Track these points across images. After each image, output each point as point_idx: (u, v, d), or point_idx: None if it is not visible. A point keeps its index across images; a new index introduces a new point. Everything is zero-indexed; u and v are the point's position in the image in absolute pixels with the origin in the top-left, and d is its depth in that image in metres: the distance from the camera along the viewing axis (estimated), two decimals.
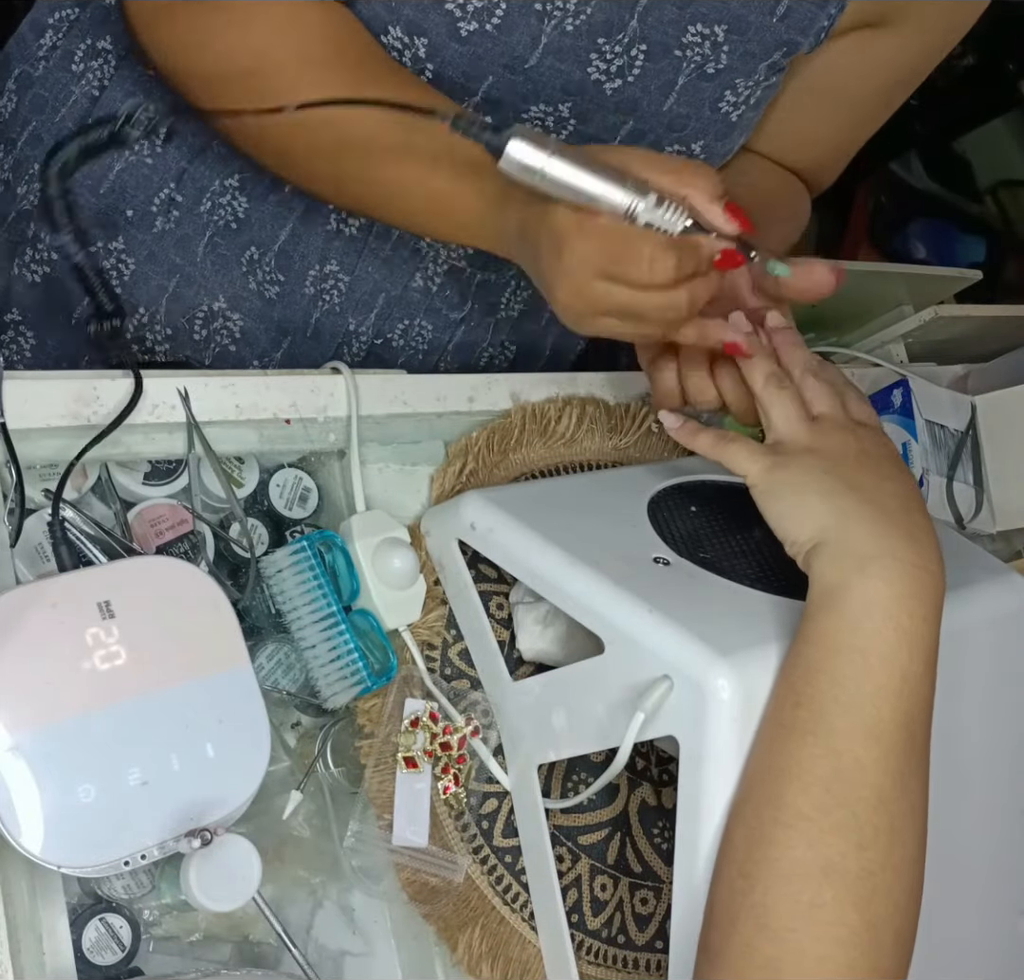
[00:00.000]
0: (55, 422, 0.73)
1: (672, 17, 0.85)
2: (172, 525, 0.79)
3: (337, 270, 0.97)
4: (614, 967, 0.82)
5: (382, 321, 0.99)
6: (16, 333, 1.00)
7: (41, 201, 0.76)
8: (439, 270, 0.98)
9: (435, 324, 1.00)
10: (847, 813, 0.63)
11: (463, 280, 0.98)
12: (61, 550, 0.69)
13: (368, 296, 0.98)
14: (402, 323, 1.00)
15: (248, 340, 0.99)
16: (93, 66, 0.96)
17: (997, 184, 2.04)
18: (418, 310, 0.99)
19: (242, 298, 0.98)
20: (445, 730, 0.79)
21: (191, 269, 0.97)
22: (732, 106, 0.91)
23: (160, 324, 0.99)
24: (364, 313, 0.99)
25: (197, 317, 0.99)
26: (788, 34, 0.88)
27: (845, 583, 0.66)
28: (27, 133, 0.98)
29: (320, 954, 0.79)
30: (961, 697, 0.78)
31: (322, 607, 0.77)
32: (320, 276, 0.97)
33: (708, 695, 0.67)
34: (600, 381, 0.93)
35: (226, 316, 0.99)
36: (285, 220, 0.95)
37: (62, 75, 0.97)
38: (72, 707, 0.65)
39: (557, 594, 0.75)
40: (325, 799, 0.80)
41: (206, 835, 0.66)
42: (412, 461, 0.87)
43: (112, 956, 0.71)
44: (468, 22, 0.83)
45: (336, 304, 0.98)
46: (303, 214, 0.95)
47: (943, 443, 1.08)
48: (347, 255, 0.96)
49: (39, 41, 0.99)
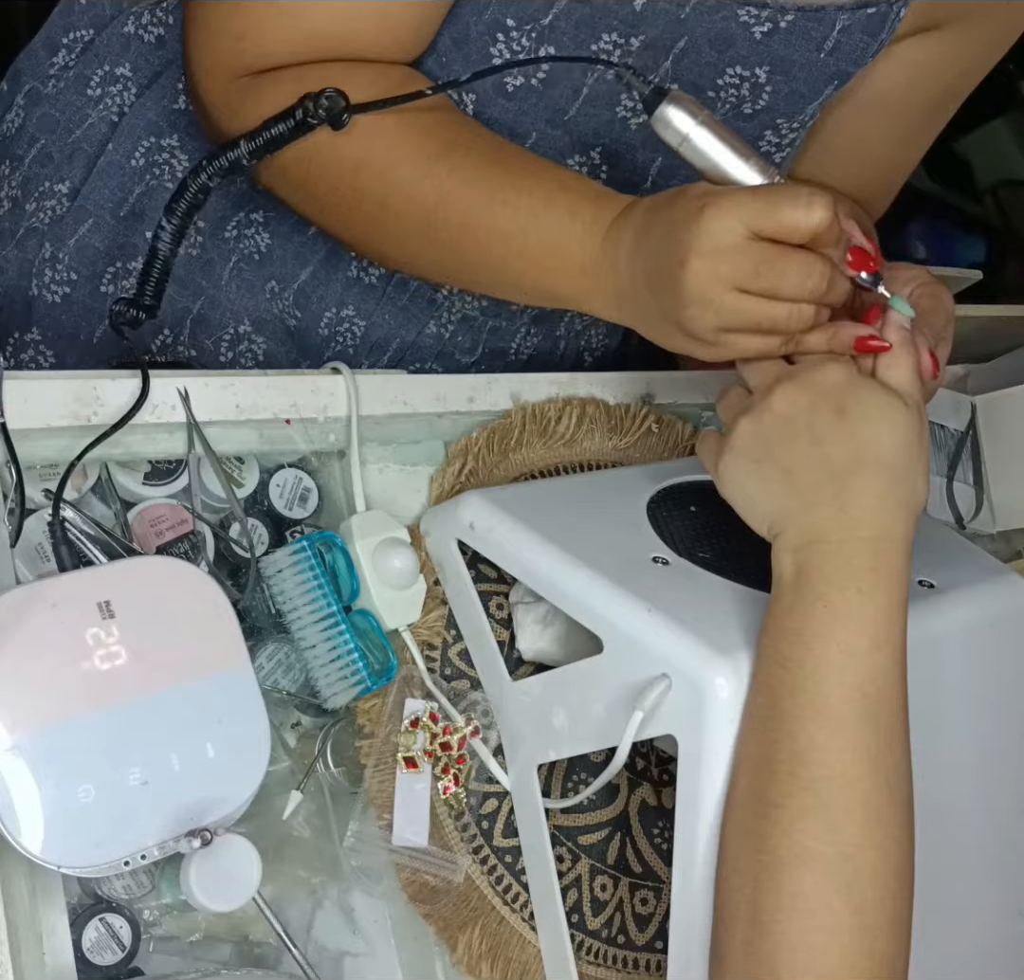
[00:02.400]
0: (55, 422, 0.73)
1: (709, 60, 0.83)
2: (172, 525, 0.79)
3: (353, 314, 0.97)
4: (614, 967, 0.82)
5: (394, 363, 1.00)
6: (36, 352, 1.00)
7: (184, 183, 0.77)
8: (453, 318, 0.98)
9: (446, 367, 1.01)
10: (811, 795, 0.63)
11: (475, 327, 0.99)
12: (61, 550, 0.69)
13: (382, 341, 0.99)
14: (413, 366, 1.01)
15: (271, 362, 1.00)
16: (112, 92, 0.96)
17: (997, 184, 2.04)
18: (430, 354, 1.00)
19: (266, 321, 0.99)
20: (445, 730, 0.79)
21: (215, 292, 0.98)
22: (774, 146, 0.89)
23: (184, 345, 0.99)
24: (377, 356, 1.00)
25: (223, 339, 0.99)
26: (838, 66, 0.85)
27: (780, 573, 0.68)
28: (35, 150, 0.98)
29: (320, 954, 0.79)
30: (961, 697, 0.78)
31: (322, 607, 0.77)
32: (336, 319, 0.98)
33: (706, 694, 0.67)
34: (600, 381, 0.93)
35: (251, 339, 0.99)
36: (307, 262, 0.96)
37: (76, 98, 0.97)
38: (72, 707, 0.65)
39: (556, 594, 0.75)
40: (325, 799, 0.80)
41: (206, 835, 0.66)
42: (412, 461, 0.87)
43: (112, 956, 0.71)
44: (515, 77, 0.83)
45: (349, 346, 0.99)
46: (325, 258, 0.96)
47: (943, 443, 1.08)
48: (365, 302, 0.97)
49: (51, 59, 0.99)
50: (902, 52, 0.88)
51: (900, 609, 0.66)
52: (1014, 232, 2.05)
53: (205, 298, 0.98)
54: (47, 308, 0.99)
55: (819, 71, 0.85)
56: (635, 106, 0.86)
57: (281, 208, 0.93)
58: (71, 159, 0.97)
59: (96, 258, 0.97)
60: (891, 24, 0.84)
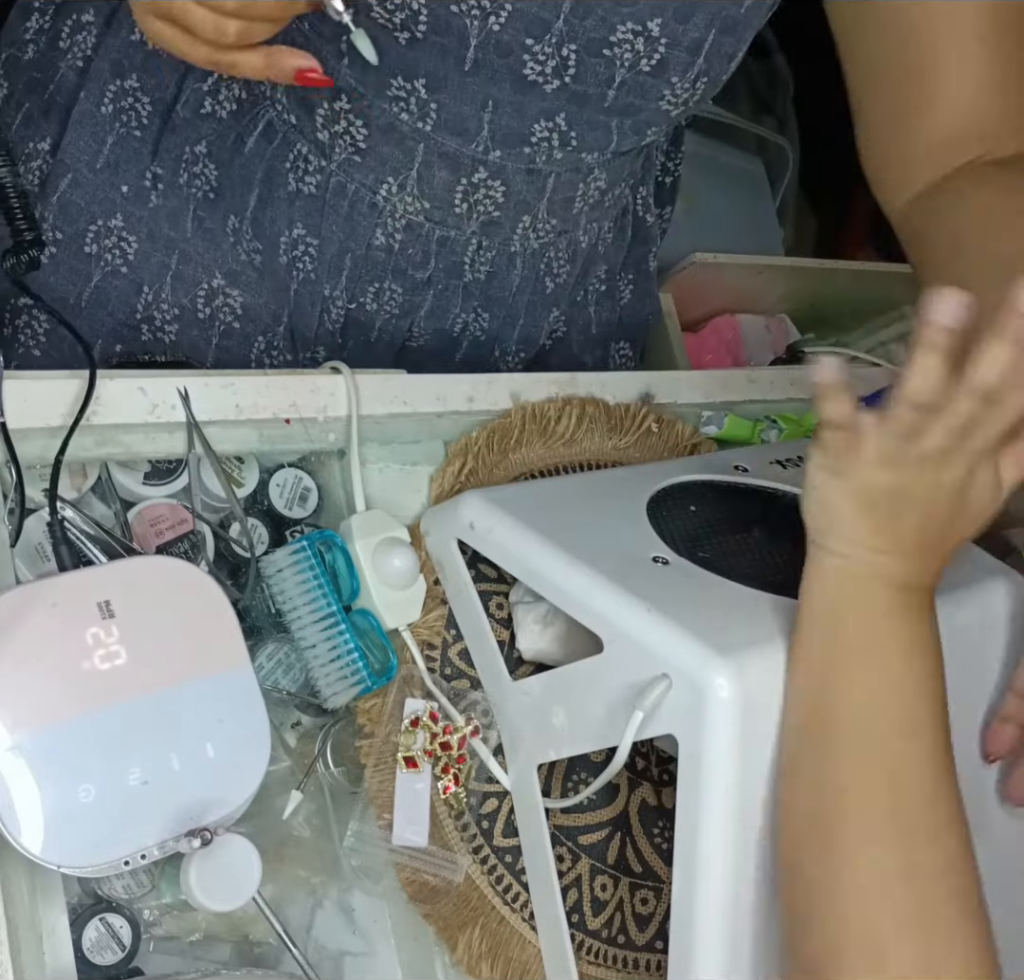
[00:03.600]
0: (55, 422, 0.73)
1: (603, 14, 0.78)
2: (172, 525, 0.79)
3: (304, 233, 0.96)
4: (614, 967, 0.82)
5: (353, 284, 0.99)
6: (30, 317, 1.00)
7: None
8: (398, 225, 0.96)
9: (404, 286, 1.00)
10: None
11: (423, 236, 0.97)
12: (61, 550, 0.69)
13: (336, 258, 0.97)
14: (372, 286, 0.99)
15: (250, 316, 1.00)
16: (78, 40, 0.97)
17: None
18: (385, 271, 0.99)
19: (236, 272, 0.98)
20: (445, 730, 0.79)
21: (185, 245, 0.98)
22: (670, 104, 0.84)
23: (167, 303, 0.99)
24: (335, 276, 0.98)
25: (199, 295, 0.99)
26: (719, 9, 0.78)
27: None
28: (21, 115, 0.99)
29: (320, 954, 0.79)
30: (960, 697, 0.78)
31: (322, 607, 0.77)
32: (291, 242, 0.97)
33: (707, 694, 0.67)
34: (600, 381, 0.93)
35: (226, 293, 0.99)
36: (251, 184, 0.95)
37: (51, 53, 0.98)
38: (72, 707, 0.65)
39: (556, 593, 0.75)
40: (325, 799, 0.80)
41: (206, 835, 0.66)
42: (412, 461, 0.87)
43: (112, 956, 0.71)
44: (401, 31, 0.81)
45: (310, 271, 0.98)
46: (264, 176, 0.95)
47: None
48: (310, 216, 0.96)
49: (25, 24, 0.99)
50: None
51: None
52: None
53: (178, 252, 0.98)
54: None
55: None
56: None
57: (219, 132, 0.93)
58: (47, 115, 0.97)
59: (78, 216, 0.97)
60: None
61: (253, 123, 0.93)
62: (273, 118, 0.92)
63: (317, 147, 0.91)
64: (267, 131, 0.93)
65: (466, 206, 0.93)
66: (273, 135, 0.93)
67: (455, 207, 0.94)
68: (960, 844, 0.65)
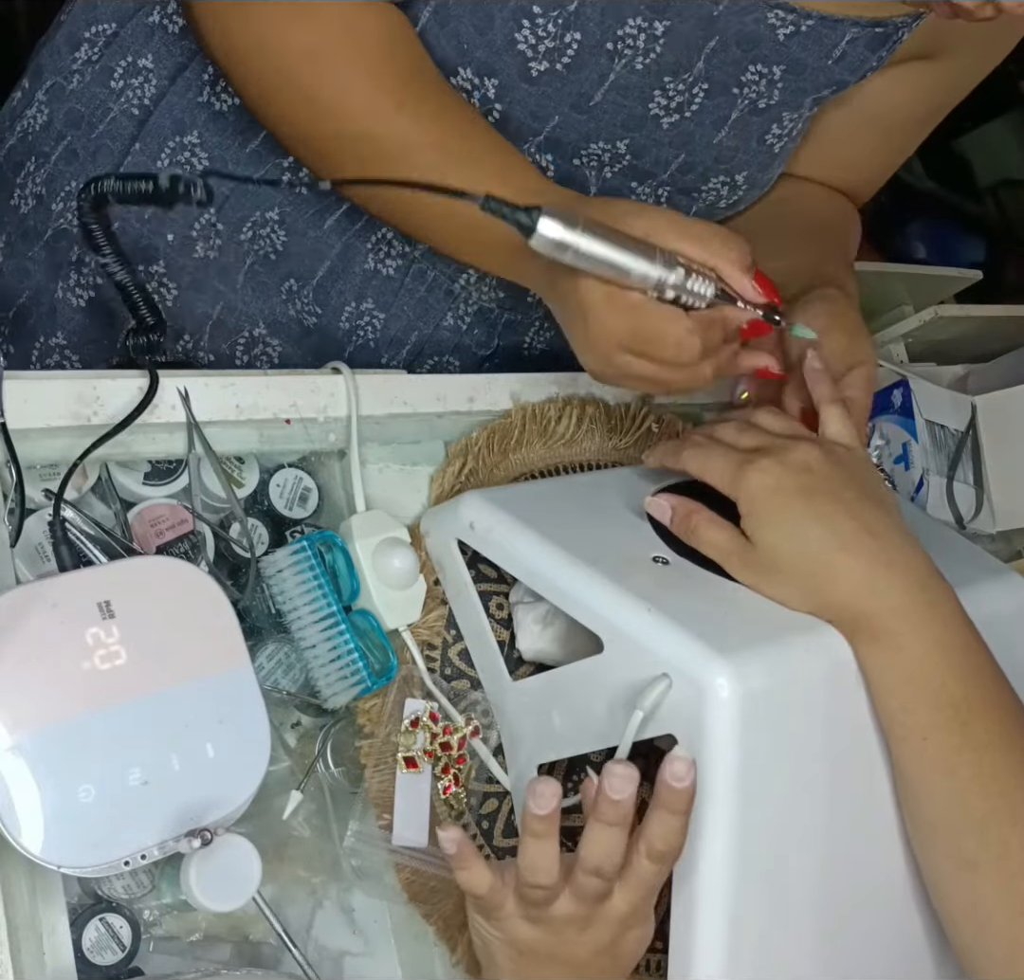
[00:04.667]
0: (55, 422, 0.73)
1: (735, 58, 0.86)
2: (172, 525, 0.79)
3: (373, 307, 0.98)
4: None
5: (413, 356, 1.01)
6: (61, 357, 1.00)
7: (80, 224, 0.76)
8: (470, 310, 0.99)
9: (462, 361, 1.02)
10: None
11: (491, 320, 1.00)
12: (61, 550, 0.69)
13: (401, 334, 0.99)
14: (431, 359, 1.01)
15: (286, 365, 1.00)
16: (133, 84, 0.95)
17: (997, 184, 2.04)
18: (447, 347, 1.01)
19: (281, 324, 0.99)
20: (445, 730, 0.79)
21: (232, 296, 0.98)
22: (777, 138, 0.93)
23: (204, 350, 0.99)
24: (396, 349, 1.00)
25: (239, 343, 0.99)
26: (840, 75, 0.90)
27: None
28: (62, 147, 0.98)
29: (320, 954, 0.79)
30: None
31: (322, 607, 0.77)
32: (356, 313, 0.98)
33: (707, 694, 0.67)
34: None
35: (266, 341, 0.99)
36: (324, 257, 0.96)
37: (99, 91, 0.96)
38: (72, 707, 0.65)
39: (556, 593, 0.75)
40: (325, 799, 0.80)
41: (206, 835, 0.66)
42: (412, 461, 0.87)
43: (112, 956, 0.71)
44: (539, 62, 0.83)
45: (370, 340, 0.99)
46: (342, 252, 0.96)
47: (943, 443, 1.08)
48: (383, 294, 0.97)
49: (74, 54, 0.98)
50: (898, 74, 0.94)
51: None
52: (1014, 232, 2.05)
53: (223, 303, 0.98)
54: (71, 312, 0.99)
55: (824, 75, 0.89)
56: (668, 103, 0.87)
57: (296, 204, 0.94)
58: (95, 156, 0.96)
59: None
60: (891, 45, 0.89)
61: (337, 204, 0.94)
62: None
63: (403, 234, 0.93)
64: (350, 213, 0.94)
65: (538, 296, 0.94)
66: (357, 218, 0.94)
67: (528, 297, 0.97)
68: None
